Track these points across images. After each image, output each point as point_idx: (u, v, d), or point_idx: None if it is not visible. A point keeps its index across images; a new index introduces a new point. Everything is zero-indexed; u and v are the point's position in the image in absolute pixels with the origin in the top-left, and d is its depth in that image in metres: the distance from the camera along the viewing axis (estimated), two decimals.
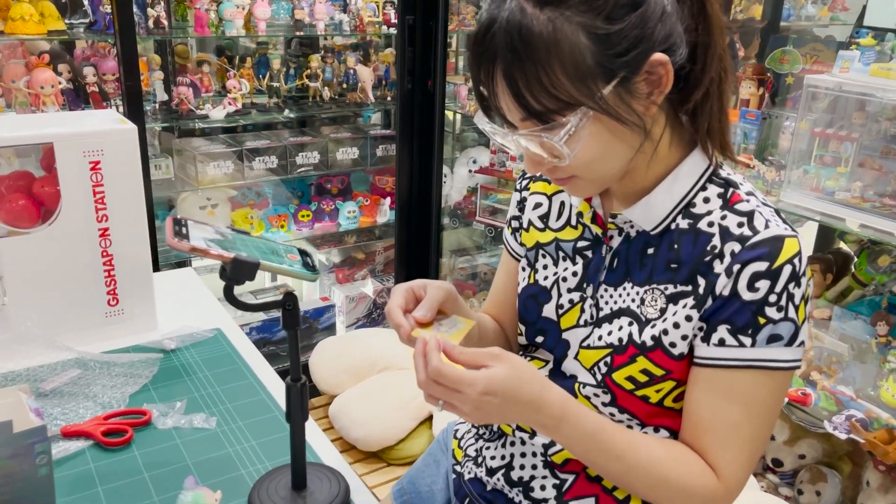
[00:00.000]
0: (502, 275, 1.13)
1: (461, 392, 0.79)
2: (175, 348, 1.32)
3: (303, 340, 2.50)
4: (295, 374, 0.91)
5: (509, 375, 0.81)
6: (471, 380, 0.79)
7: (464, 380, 0.79)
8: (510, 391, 0.80)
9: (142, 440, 1.08)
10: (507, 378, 0.81)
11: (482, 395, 0.79)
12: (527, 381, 0.82)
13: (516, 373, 0.82)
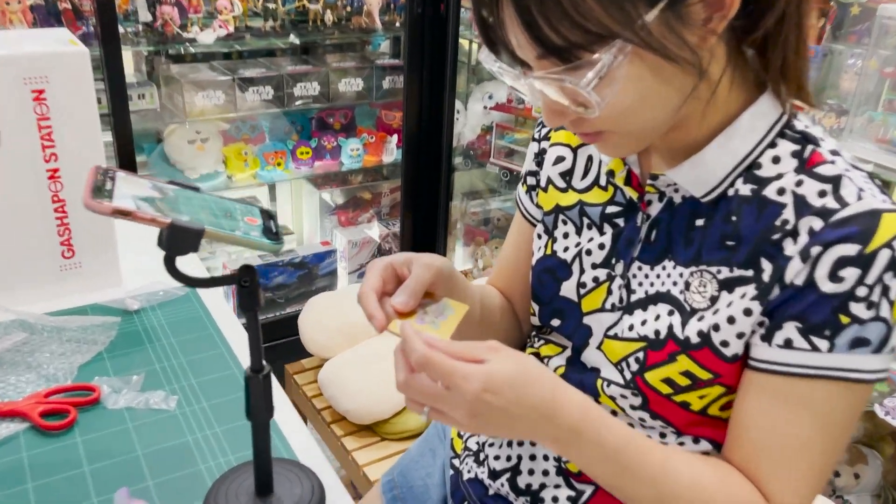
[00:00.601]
0: (514, 240, 0.95)
1: (453, 389, 0.62)
2: (139, 309, 1.15)
3: (302, 287, 2.35)
4: (256, 362, 0.74)
5: (515, 370, 0.64)
6: (466, 372, 0.62)
7: (457, 371, 0.62)
8: (516, 389, 0.63)
9: (86, 423, 0.92)
10: (511, 373, 0.64)
11: (481, 394, 0.62)
12: (535, 378, 0.65)
13: (522, 368, 0.65)
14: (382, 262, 0.73)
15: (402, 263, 0.73)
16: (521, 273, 0.92)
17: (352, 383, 1.39)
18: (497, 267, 0.98)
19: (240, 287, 0.70)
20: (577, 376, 0.82)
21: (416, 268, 0.72)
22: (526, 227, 0.92)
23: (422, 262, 0.72)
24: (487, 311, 0.89)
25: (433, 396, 0.63)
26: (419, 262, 0.72)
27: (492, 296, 0.93)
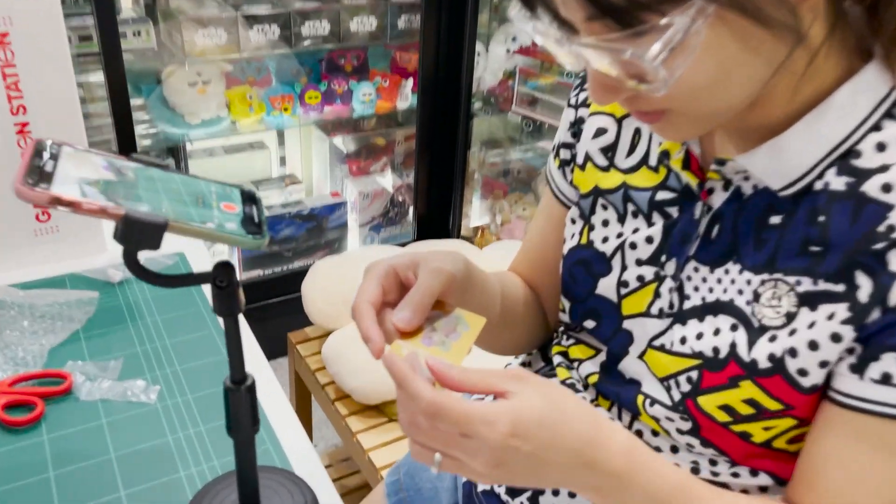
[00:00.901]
0: (542, 223, 0.82)
1: (473, 437, 0.51)
2: (122, 280, 1.04)
3: (311, 240, 2.23)
4: (237, 373, 0.63)
5: (547, 406, 0.52)
6: (488, 415, 0.50)
7: (476, 416, 0.50)
8: (549, 429, 0.52)
9: (55, 418, 0.82)
10: (543, 410, 0.52)
11: (507, 439, 0.50)
12: (572, 415, 0.53)
13: (556, 402, 0.53)
14: (382, 266, 0.61)
15: (407, 267, 0.61)
16: (550, 262, 0.80)
17: (357, 360, 1.28)
18: (521, 252, 0.85)
19: (215, 288, 0.58)
20: (613, 388, 0.71)
21: (424, 274, 0.60)
22: (557, 208, 0.79)
23: (430, 268, 0.60)
24: (509, 303, 0.76)
25: (447, 442, 0.51)
26: (427, 267, 0.60)
27: (514, 286, 0.81)
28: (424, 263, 0.60)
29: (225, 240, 0.56)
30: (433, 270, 0.60)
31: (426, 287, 0.59)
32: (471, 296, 0.65)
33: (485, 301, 0.70)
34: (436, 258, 0.61)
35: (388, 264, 0.60)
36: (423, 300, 0.58)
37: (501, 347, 0.81)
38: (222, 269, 0.58)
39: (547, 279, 0.81)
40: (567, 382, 0.75)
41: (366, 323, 0.57)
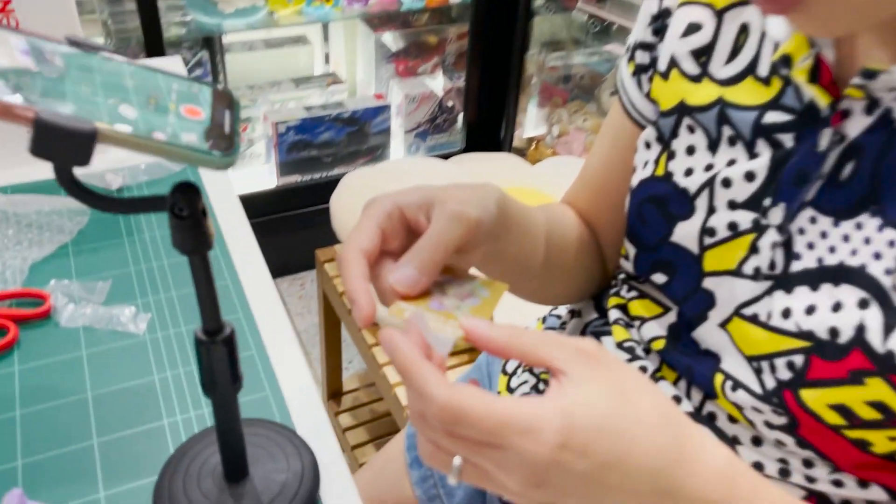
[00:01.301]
0: (607, 144, 0.66)
1: (508, 449, 0.37)
2: (121, 187, 0.92)
3: (351, 146, 2.08)
4: (210, 321, 0.50)
5: (614, 407, 0.38)
6: (530, 422, 0.37)
7: (513, 424, 0.37)
8: (616, 443, 0.38)
9: (29, 346, 0.72)
10: (608, 412, 0.38)
11: (555, 453, 0.37)
12: (649, 420, 0.39)
13: (626, 402, 0.39)
14: (385, 203, 0.46)
15: (418, 207, 0.46)
16: (613, 195, 0.64)
17: None
18: (579, 180, 0.70)
19: (174, 218, 0.45)
20: (683, 359, 0.56)
21: (440, 220, 0.45)
22: (627, 127, 0.62)
23: (449, 211, 0.45)
24: (557, 249, 0.62)
25: (471, 449, 0.38)
26: (444, 211, 0.45)
27: (566, 225, 0.65)
28: (441, 205, 0.45)
29: (177, 155, 0.42)
30: (452, 215, 0.45)
31: (441, 237, 0.44)
32: (505, 244, 0.51)
33: (524, 250, 0.55)
34: (457, 197, 0.46)
35: (392, 201, 0.46)
36: (435, 255, 0.44)
37: (543, 297, 0.67)
38: (182, 193, 0.44)
39: (608, 216, 0.66)
40: (624, 345, 0.61)
41: (353, 279, 0.43)
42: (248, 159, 2.09)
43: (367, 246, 0.45)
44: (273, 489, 0.59)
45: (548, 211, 0.64)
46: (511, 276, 0.61)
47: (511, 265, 0.56)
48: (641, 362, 0.59)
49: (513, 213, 0.52)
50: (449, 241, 0.45)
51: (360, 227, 0.45)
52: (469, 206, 0.46)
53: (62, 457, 0.62)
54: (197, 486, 0.59)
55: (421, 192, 0.46)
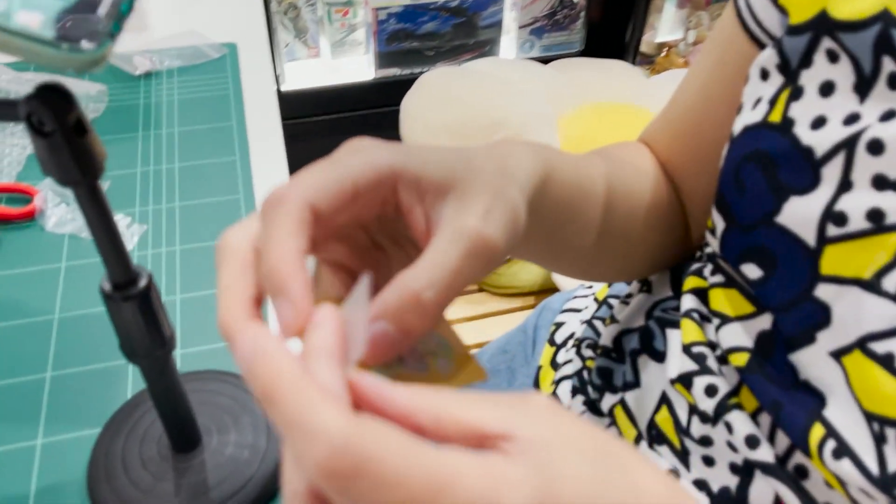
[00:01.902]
0: (709, 65, 0.47)
1: None
2: (147, 73, 0.81)
3: (457, 39, 1.90)
4: (117, 273, 0.38)
5: (594, 478, 0.23)
6: (488, 487, 0.22)
7: (462, 485, 0.21)
8: None
9: (8, 249, 0.63)
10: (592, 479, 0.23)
11: None
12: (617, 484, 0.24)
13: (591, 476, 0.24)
14: (375, 155, 0.29)
15: (378, 180, 0.29)
16: (707, 140, 0.46)
17: None
18: (664, 115, 0.51)
19: (34, 133, 0.32)
20: (770, 389, 0.39)
21: (450, 249, 0.28)
22: (740, 44, 0.43)
23: (465, 236, 0.28)
24: (620, 215, 0.45)
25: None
26: (458, 233, 0.28)
27: (636, 180, 0.47)
28: (453, 219, 0.28)
29: (6, 46, 0.28)
30: (471, 246, 0.28)
31: (456, 278, 0.27)
32: (537, 234, 0.35)
33: (568, 232, 0.40)
34: (478, 200, 0.29)
35: (389, 161, 0.29)
36: (443, 302, 0.27)
37: (596, 276, 0.51)
38: (43, 99, 0.31)
39: (698, 168, 0.48)
40: (692, 350, 0.45)
41: (230, 307, 0.26)
42: (346, 47, 1.95)
43: (320, 199, 0.27)
44: (225, 468, 0.48)
45: (613, 160, 0.46)
46: (546, 261, 0.45)
47: (546, 250, 0.41)
48: (711, 379, 0.43)
49: (553, 193, 0.36)
50: (463, 283, 0.28)
51: (323, 168, 0.29)
52: (494, 217, 0.29)
53: (10, 388, 0.53)
54: (139, 450, 0.49)
55: (388, 156, 0.29)
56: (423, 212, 0.30)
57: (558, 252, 0.43)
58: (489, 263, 0.29)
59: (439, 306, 0.27)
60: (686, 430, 0.45)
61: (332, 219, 0.28)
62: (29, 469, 0.49)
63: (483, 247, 0.28)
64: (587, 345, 0.56)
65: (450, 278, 0.27)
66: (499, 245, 0.29)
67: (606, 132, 1.07)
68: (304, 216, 0.27)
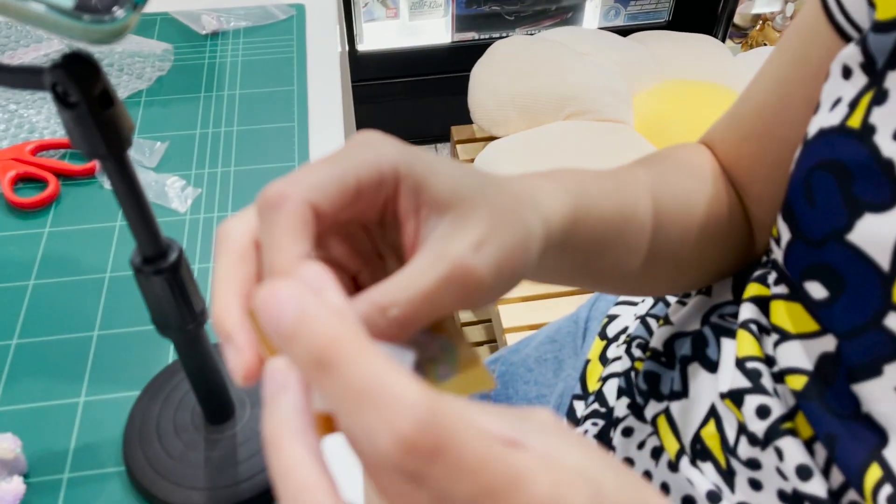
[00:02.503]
0: (787, 59, 0.43)
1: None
2: (214, 32, 0.81)
3: (539, 4, 1.84)
4: (147, 244, 0.38)
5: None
6: (553, 483, 0.20)
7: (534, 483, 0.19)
8: None
9: (66, 206, 0.64)
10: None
11: None
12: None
13: None
14: (376, 149, 0.27)
15: (368, 184, 0.27)
16: (780, 143, 0.42)
17: None
18: (732, 113, 0.47)
19: (59, 104, 0.31)
20: (827, 419, 0.36)
21: (429, 271, 0.26)
22: (823, 37, 0.39)
23: (446, 265, 0.26)
24: (670, 233, 0.42)
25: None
26: (440, 261, 0.26)
27: (689, 192, 0.44)
28: (436, 247, 0.27)
29: (15, 13, 0.27)
30: (452, 275, 0.26)
31: (429, 300, 0.26)
32: (571, 261, 0.33)
33: (608, 259, 0.39)
34: (475, 231, 0.27)
35: (392, 158, 0.27)
36: (418, 315, 0.26)
37: (646, 292, 0.48)
38: (68, 69, 0.30)
39: (767, 174, 0.44)
40: (746, 366, 0.41)
41: (224, 309, 0.25)
42: (426, 9, 1.92)
43: (322, 198, 0.25)
44: (255, 443, 0.48)
45: (663, 173, 0.43)
46: (586, 285, 0.43)
47: (582, 277, 0.39)
48: (764, 399, 0.40)
49: (588, 226, 0.34)
50: (437, 309, 0.26)
51: (326, 164, 0.27)
52: (486, 251, 0.27)
53: (58, 344, 0.54)
54: (173, 418, 0.49)
55: (444, 180, 0.27)
56: (416, 224, 0.28)
57: (598, 278, 0.41)
58: (469, 296, 0.27)
59: (406, 326, 0.25)
60: (733, 450, 0.42)
61: (334, 217, 0.27)
62: (70, 426, 0.50)
63: (463, 278, 0.26)
64: (637, 344, 0.54)
65: (420, 301, 0.25)
66: (483, 280, 0.27)
67: (685, 112, 1.01)
68: (307, 217, 0.25)
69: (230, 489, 0.46)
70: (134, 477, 0.47)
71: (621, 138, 0.93)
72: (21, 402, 0.51)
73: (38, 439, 0.49)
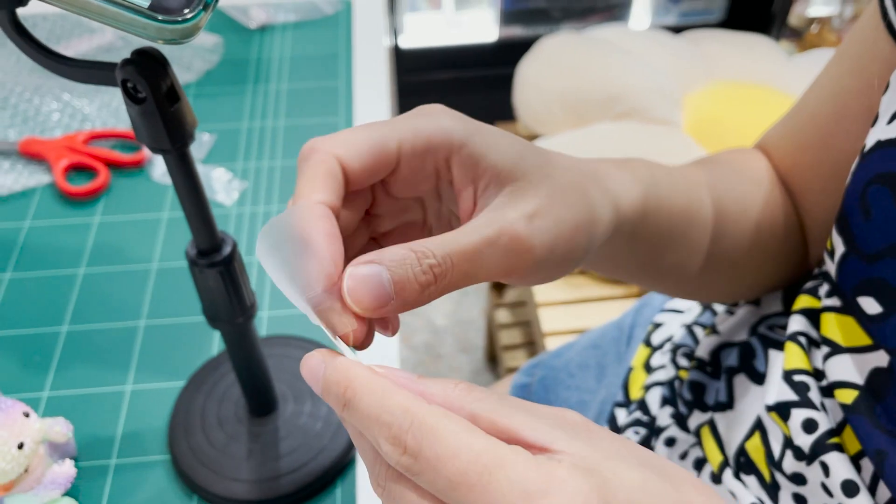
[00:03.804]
0: (845, 70, 0.42)
1: None
2: (262, 26, 0.81)
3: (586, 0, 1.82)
4: (203, 237, 0.38)
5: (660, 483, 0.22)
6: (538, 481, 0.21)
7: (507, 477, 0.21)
8: None
9: (116, 195, 0.66)
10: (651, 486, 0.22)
11: None
12: None
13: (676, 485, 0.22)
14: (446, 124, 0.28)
15: (425, 150, 0.28)
16: (836, 153, 0.41)
17: None
18: (788, 120, 0.46)
19: (127, 100, 0.32)
20: (875, 435, 0.35)
21: (475, 232, 0.27)
22: (884, 50, 0.38)
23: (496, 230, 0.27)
24: (728, 236, 0.41)
25: None
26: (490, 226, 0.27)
27: (746, 197, 0.43)
28: (500, 172, 0.28)
29: (89, 9, 0.28)
30: (507, 242, 0.27)
31: (465, 244, 0.26)
32: (632, 254, 0.34)
33: (672, 258, 0.39)
34: (546, 169, 0.29)
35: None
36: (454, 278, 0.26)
37: (702, 298, 0.48)
38: (138, 66, 0.31)
39: (823, 184, 0.43)
40: (793, 378, 0.41)
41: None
42: (471, 3, 1.91)
43: (351, 154, 0.27)
44: (297, 437, 0.49)
45: (724, 174, 0.42)
46: (646, 283, 0.43)
47: (645, 273, 0.39)
48: (811, 413, 0.39)
49: (655, 219, 0.34)
50: (477, 270, 0.27)
51: (372, 125, 0.28)
52: (539, 221, 0.28)
53: (106, 332, 0.56)
54: (217, 409, 0.50)
55: (505, 154, 0.28)
56: (473, 195, 0.28)
57: (659, 276, 0.40)
58: (515, 265, 0.27)
59: (442, 279, 0.26)
60: (778, 464, 0.41)
61: (366, 177, 0.28)
62: (117, 413, 0.51)
63: (510, 242, 0.27)
64: (683, 353, 0.53)
65: (460, 256, 0.26)
66: (531, 248, 0.27)
67: (736, 115, 0.99)
68: (332, 169, 0.27)
69: (271, 482, 0.46)
70: (178, 465, 0.47)
71: (670, 140, 0.91)
72: (71, 388, 0.52)
73: (87, 425, 0.50)
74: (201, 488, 0.46)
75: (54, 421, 0.45)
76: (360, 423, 0.23)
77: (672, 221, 0.36)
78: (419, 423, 0.22)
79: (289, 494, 0.46)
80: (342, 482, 0.48)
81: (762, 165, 0.45)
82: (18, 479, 0.43)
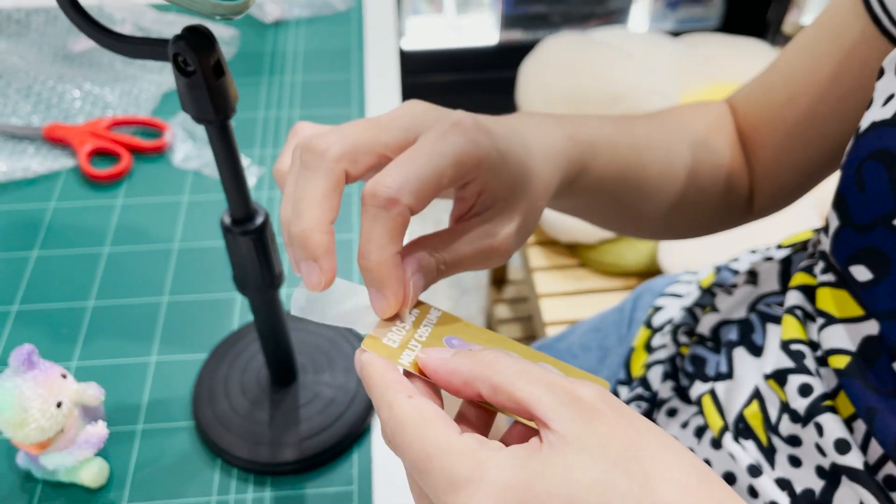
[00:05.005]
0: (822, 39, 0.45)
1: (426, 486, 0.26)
2: (277, 21, 0.84)
3: (587, 5, 1.85)
4: (238, 206, 0.41)
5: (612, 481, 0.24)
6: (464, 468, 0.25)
7: (441, 463, 0.25)
8: None
9: (138, 179, 0.68)
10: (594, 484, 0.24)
11: None
12: None
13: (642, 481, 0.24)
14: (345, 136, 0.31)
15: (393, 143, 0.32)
16: (802, 108, 0.45)
17: None
18: (759, 80, 0.50)
19: (178, 73, 0.34)
20: (867, 395, 0.38)
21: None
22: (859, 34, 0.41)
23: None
24: (698, 175, 0.47)
25: None
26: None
27: (714, 136, 0.49)
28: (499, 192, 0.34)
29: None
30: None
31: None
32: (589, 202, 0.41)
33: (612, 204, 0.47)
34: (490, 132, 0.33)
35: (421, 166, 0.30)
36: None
37: (635, 234, 0.54)
38: (189, 41, 0.33)
39: (781, 140, 0.47)
40: (791, 348, 0.43)
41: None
42: (472, 5, 1.95)
43: (419, 205, 0.30)
44: (316, 405, 0.51)
45: (686, 115, 0.50)
46: (618, 225, 0.49)
47: (602, 213, 0.44)
48: (807, 378, 0.42)
49: (597, 172, 0.40)
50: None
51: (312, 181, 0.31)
52: (519, 237, 0.35)
53: (130, 308, 0.58)
54: (240, 378, 0.52)
55: (510, 176, 0.33)
56: (473, 201, 0.34)
57: (621, 219, 0.48)
58: (490, 263, 0.34)
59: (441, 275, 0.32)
60: (775, 428, 0.43)
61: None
62: (143, 382, 0.53)
63: (495, 252, 0.33)
64: (684, 331, 0.56)
65: (458, 262, 0.33)
66: (508, 254, 0.34)
67: None
68: (406, 221, 0.30)
69: (293, 446, 0.48)
70: (203, 431, 0.50)
71: None
72: (98, 359, 0.54)
73: (114, 393, 0.52)
74: (225, 451, 0.49)
75: (87, 385, 0.47)
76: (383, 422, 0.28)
77: (617, 169, 0.43)
78: (395, 416, 0.27)
79: (308, 458, 0.48)
80: (359, 448, 0.50)
81: (723, 117, 0.50)
82: (55, 437, 0.45)
